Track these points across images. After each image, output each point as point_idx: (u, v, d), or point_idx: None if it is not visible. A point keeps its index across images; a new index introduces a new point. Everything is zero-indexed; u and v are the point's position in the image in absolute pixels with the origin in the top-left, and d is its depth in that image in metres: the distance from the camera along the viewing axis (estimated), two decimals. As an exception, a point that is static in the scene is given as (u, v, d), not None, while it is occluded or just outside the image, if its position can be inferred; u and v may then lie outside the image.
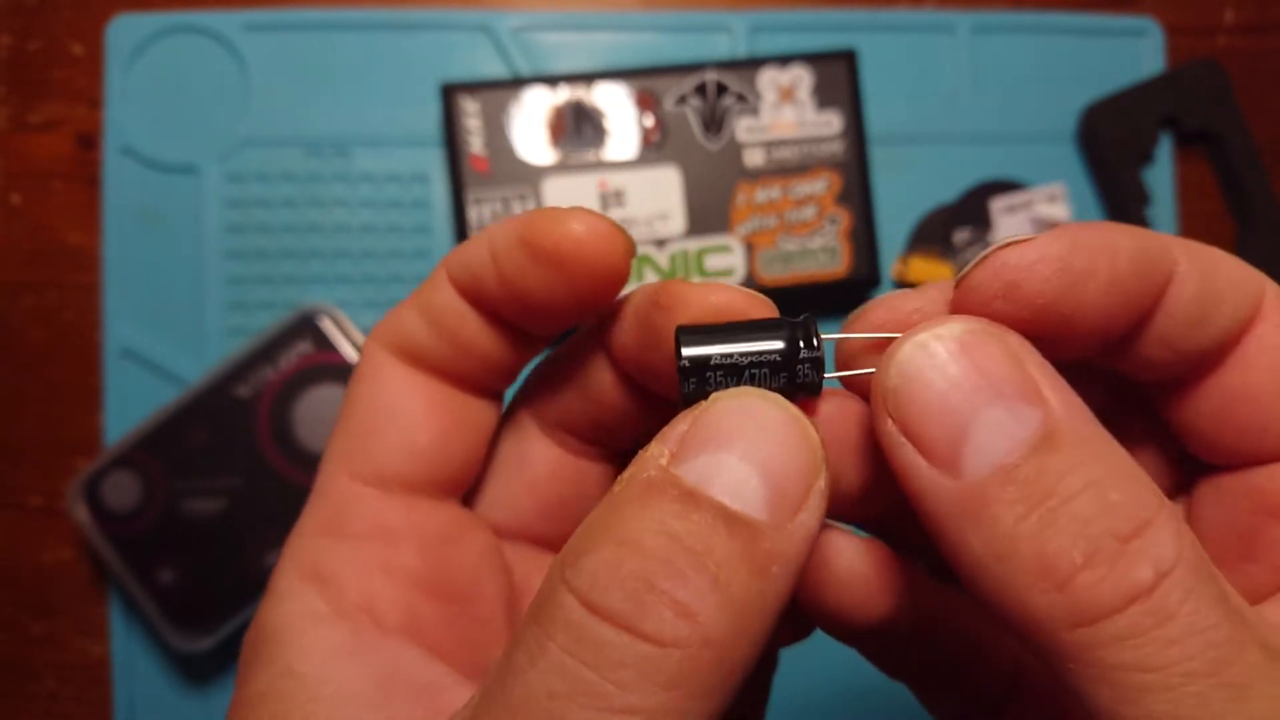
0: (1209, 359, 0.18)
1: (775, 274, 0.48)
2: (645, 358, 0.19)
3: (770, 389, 0.17)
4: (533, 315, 0.20)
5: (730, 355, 0.17)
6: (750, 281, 0.48)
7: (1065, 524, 0.15)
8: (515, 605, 0.22)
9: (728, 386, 0.17)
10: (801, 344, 0.18)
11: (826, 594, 0.19)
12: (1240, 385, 0.18)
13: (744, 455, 0.15)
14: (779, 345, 0.17)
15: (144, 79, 0.50)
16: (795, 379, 0.17)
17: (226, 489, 0.46)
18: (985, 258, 0.17)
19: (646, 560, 0.15)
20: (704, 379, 0.17)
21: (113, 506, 0.46)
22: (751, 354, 0.17)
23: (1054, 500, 0.15)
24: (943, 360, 0.16)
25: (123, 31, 0.50)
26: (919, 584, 0.20)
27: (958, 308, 0.18)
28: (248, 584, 0.46)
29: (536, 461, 0.22)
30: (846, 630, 0.20)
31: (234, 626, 0.46)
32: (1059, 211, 0.53)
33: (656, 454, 0.16)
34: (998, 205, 0.52)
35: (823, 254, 0.49)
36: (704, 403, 0.16)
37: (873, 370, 0.17)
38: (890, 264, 0.52)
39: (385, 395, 0.20)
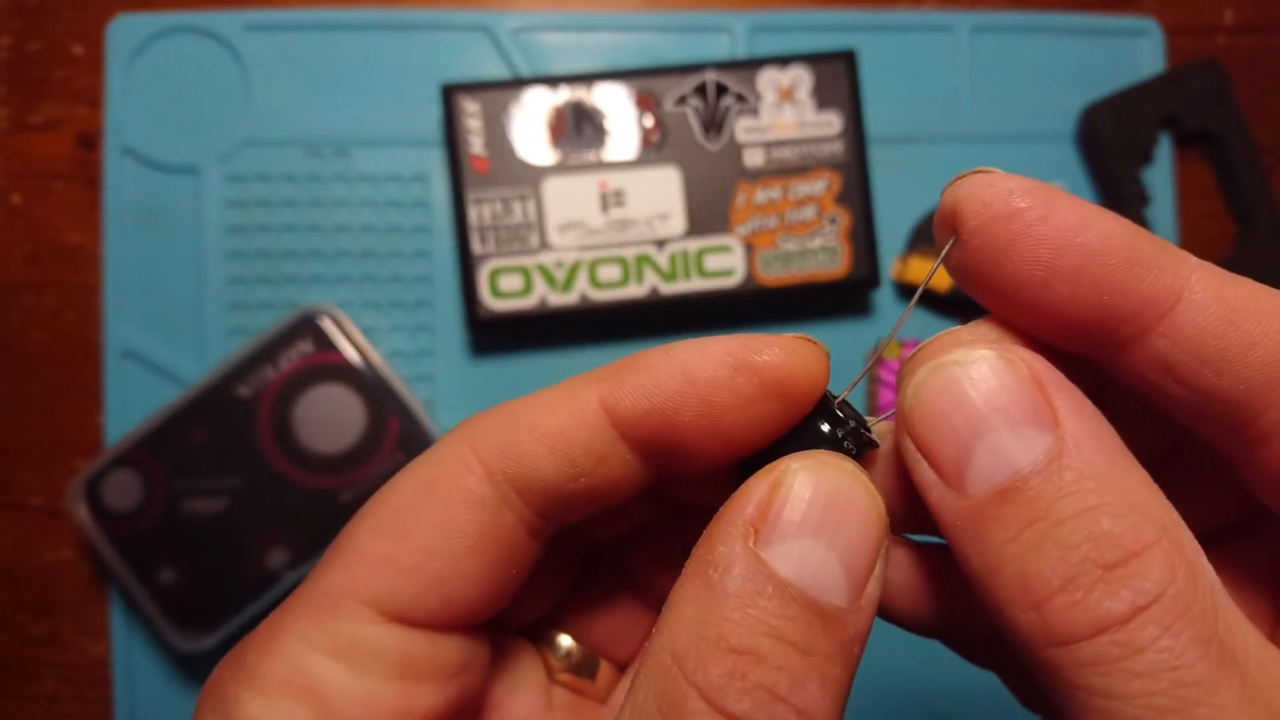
0: (1239, 410, 0.17)
1: (775, 274, 0.48)
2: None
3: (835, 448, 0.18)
4: (723, 446, 0.19)
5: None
6: (750, 281, 0.48)
7: (1049, 548, 0.15)
8: (491, 700, 0.22)
9: None
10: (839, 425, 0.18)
11: (891, 604, 0.20)
12: None
13: (830, 544, 0.16)
14: (826, 429, 0.18)
15: (144, 79, 0.50)
16: (856, 442, 0.18)
17: (227, 489, 0.46)
18: (961, 176, 0.18)
19: (767, 671, 0.15)
20: None
21: (113, 506, 0.46)
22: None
23: (1044, 524, 0.15)
24: (954, 384, 0.17)
25: (123, 31, 0.50)
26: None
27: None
28: (248, 584, 0.46)
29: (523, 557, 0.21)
30: (915, 631, 0.21)
31: (234, 626, 0.46)
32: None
33: (739, 530, 0.16)
34: (997, 205, 0.52)
35: (822, 254, 0.49)
36: (779, 466, 0.17)
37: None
38: (890, 264, 0.52)
39: (449, 534, 0.18)
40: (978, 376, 0.16)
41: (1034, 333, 0.18)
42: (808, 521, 0.16)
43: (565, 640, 0.23)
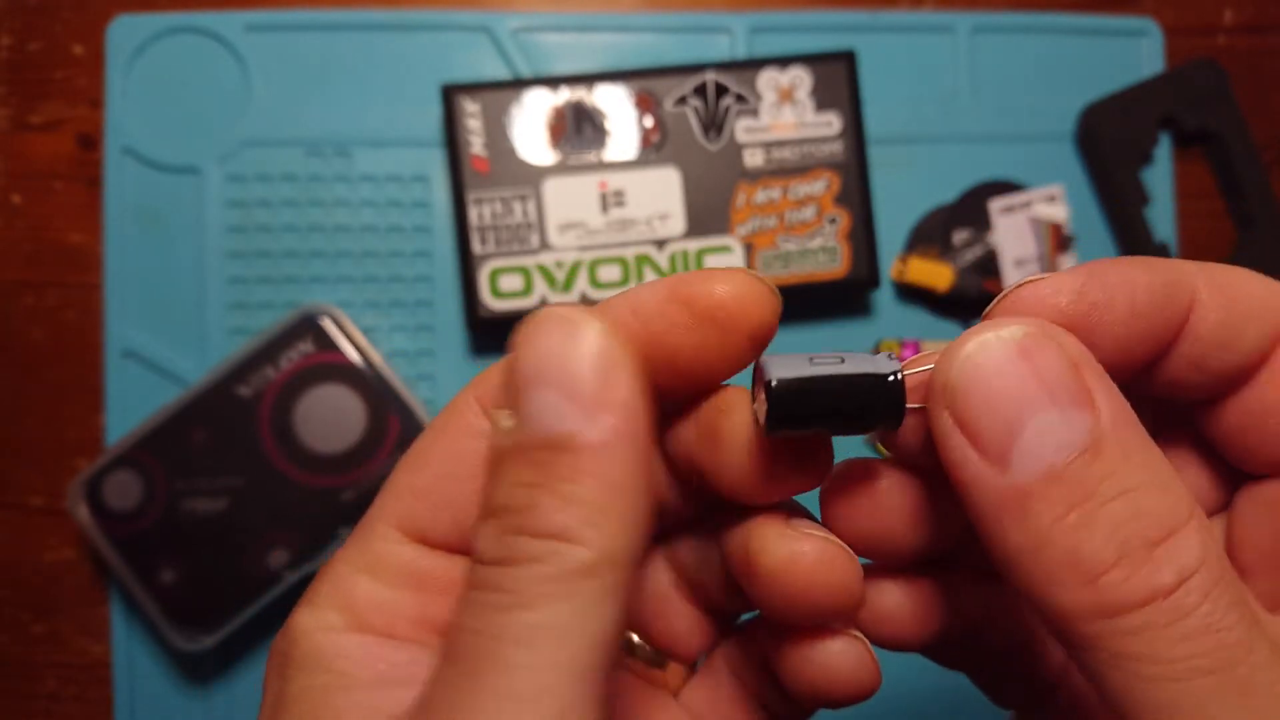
0: (1240, 376, 0.19)
1: (775, 274, 0.48)
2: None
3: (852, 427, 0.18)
4: (675, 376, 0.20)
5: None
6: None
7: (1100, 526, 0.16)
8: None
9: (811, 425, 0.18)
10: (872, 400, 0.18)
11: (881, 630, 0.21)
12: (1273, 398, 0.19)
13: (545, 383, 0.17)
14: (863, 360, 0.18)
15: (145, 79, 0.51)
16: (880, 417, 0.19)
17: (228, 489, 0.46)
18: (1005, 295, 0.18)
19: (515, 516, 0.17)
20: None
21: (114, 506, 0.46)
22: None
23: (1092, 503, 0.16)
24: (1003, 360, 0.17)
25: (123, 32, 0.50)
26: (963, 597, 0.22)
27: None
28: (249, 584, 0.46)
29: None
30: (899, 650, 0.23)
31: (235, 626, 0.46)
32: (1058, 212, 0.53)
33: (499, 418, 0.18)
34: (996, 206, 0.53)
35: (822, 254, 0.49)
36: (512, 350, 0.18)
37: (931, 367, 0.18)
38: (889, 264, 0.52)
39: (455, 458, 0.21)
40: (1027, 353, 0.17)
41: None
42: (525, 379, 0.17)
43: (633, 636, 0.25)
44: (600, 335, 0.17)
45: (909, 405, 0.18)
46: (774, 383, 0.18)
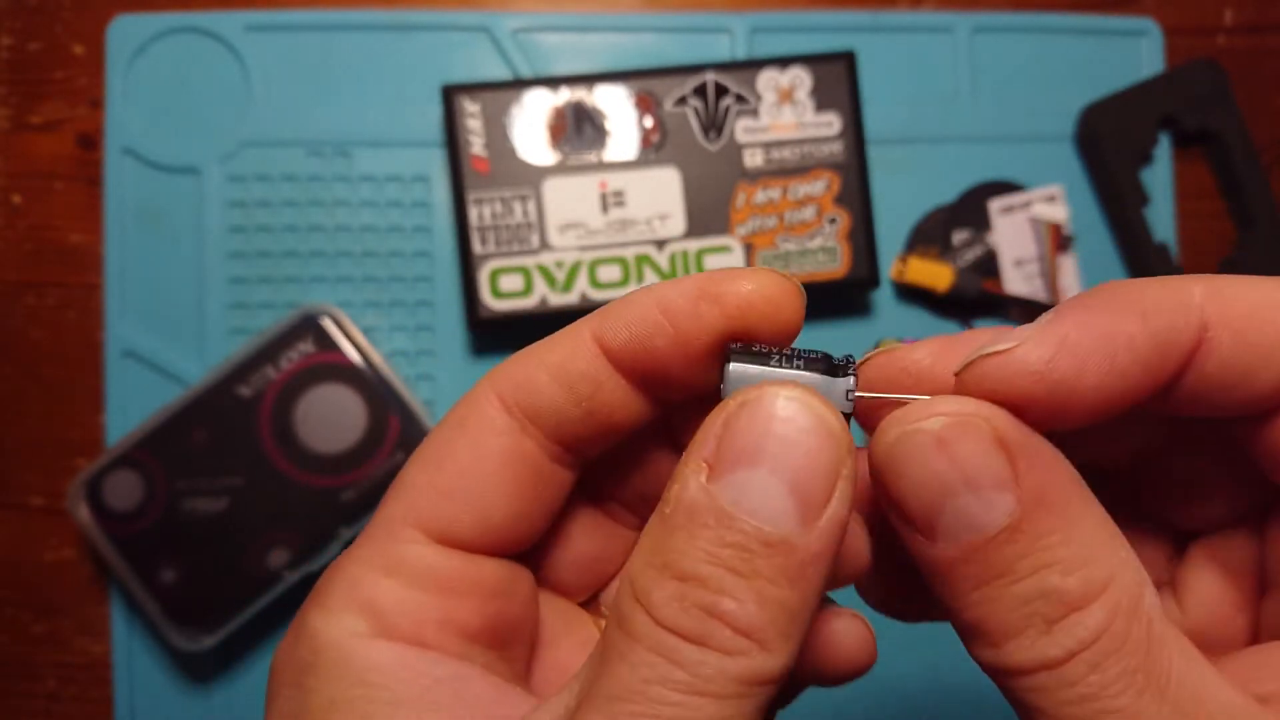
0: (1270, 404, 0.19)
1: (775, 274, 0.48)
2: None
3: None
4: (702, 370, 0.20)
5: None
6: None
7: (1006, 602, 0.18)
8: (537, 645, 0.23)
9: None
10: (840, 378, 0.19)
11: (836, 669, 0.22)
12: None
13: (772, 470, 0.17)
14: (816, 379, 0.19)
15: (145, 79, 0.51)
16: (826, 369, 0.19)
17: (228, 488, 0.46)
18: (970, 364, 0.19)
19: (706, 593, 0.17)
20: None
21: (114, 506, 0.46)
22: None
23: (1004, 580, 0.18)
24: (920, 451, 0.18)
25: (124, 32, 0.50)
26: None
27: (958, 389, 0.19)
28: (249, 583, 0.46)
29: (576, 518, 0.24)
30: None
31: (235, 626, 0.46)
32: (1057, 212, 0.53)
33: (695, 470, 0.17)
34: (996, 206, 0.53)
35: (822, 254, 0.49)
36: (731, 403, 0.18)
37: (894, 396, 0.20)
38: (889, 264, 0.52)
39: (478, 457, 0.21)
40: (941, 441, 0.18)
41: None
42: (747, 450, 0.17)
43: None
44: (844, 440, 0.17)
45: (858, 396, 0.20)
46: (730, 368, 0.19)
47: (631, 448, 0.23)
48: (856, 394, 0.19)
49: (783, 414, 0.17)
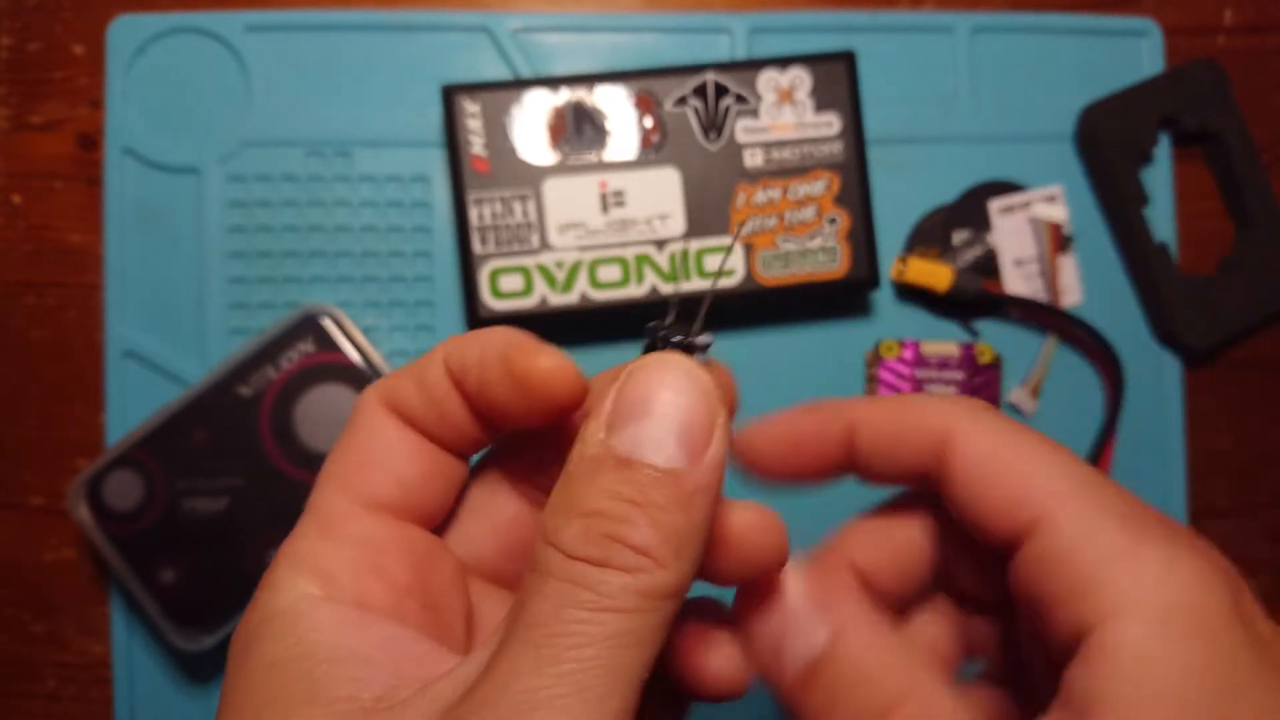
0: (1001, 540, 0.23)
1: (775, 274, 0.48)
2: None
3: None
4: (496, 417, 0.23)
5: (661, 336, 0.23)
6: (750, 281, 0.48)
7: None
8: (473, 626, 0.25)
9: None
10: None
11: (746, 564, 0.24)
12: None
13: (660, 420, 0.20)
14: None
15: (145, 80, 0.51)
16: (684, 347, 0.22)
17: (228, 488, 0.46)
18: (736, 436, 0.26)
19: (608, 522, 0.19)
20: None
21: (114, 506, 0.46)
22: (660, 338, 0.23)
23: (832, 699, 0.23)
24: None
25: (124, 32, 0.50)
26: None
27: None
28: (249, 583, 0.46)
29: (503, 509, 0.26)
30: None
31: (235, 626, 0.46)
32: (1057, 212, 0.53)
33: (595, 430, 0.20)
34: (996, 206, 0.53)
35: (822, 254, 0.49)
36: (623, 371, 0.21)
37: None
38: (889, 264, 0.52)
39: (378, 438, 0.24)
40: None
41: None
42: (639, 407, 0.20)
43: None
44: (715, 396, 0.20)
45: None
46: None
47: (543, 437, 0.25)
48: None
49: (667, 377, 0.20)
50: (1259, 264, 0.53)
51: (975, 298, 0.51)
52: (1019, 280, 0.53)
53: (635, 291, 0.48)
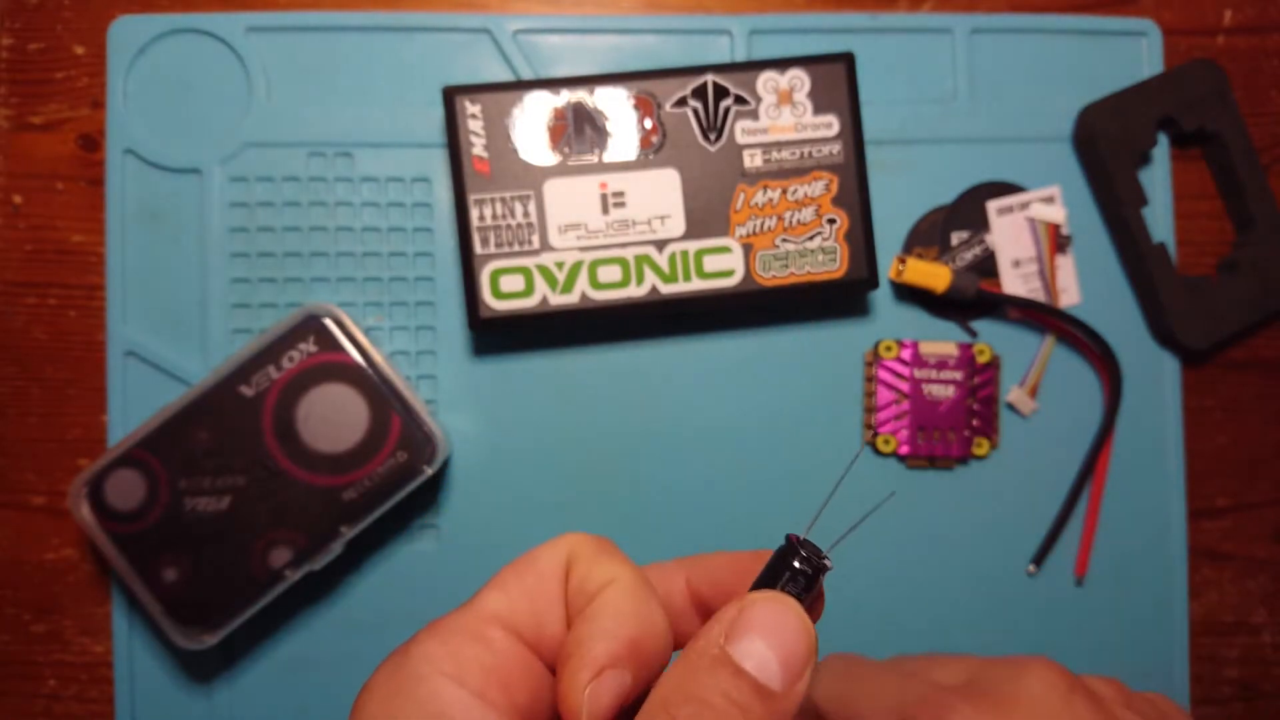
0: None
1: (774, 275, 0.48)
2: None
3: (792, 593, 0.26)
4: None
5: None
6: (749, 282, 0.48)
7: None
8: None
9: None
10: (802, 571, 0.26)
11: None
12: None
13: (770, 646, 0.23)
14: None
15: (146, 80, 0.51)
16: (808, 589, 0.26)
17: (230, 488, 0.46)
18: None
19: (715, 714, 0.23)
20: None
21: (116, 505, 0.46)
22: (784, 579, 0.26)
23: None
24: None
25: (125, 32, 0.50)
26: None
27: None
28: (251, 583, 0.46)
29: None
30: None
31: (237, 625, 0.46)
32: (1055, 213, 0.53)
33: (718, 635, 0.24)
34: (994, 206, 0.53)
35: (821, 255, 0.49)
36: (755, 595, 0.24)
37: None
38: (888, 264, 0.52)
39: (550, 585, 0.27)
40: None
41: None
42: (756, 628, 0.24)
43: None
44: (815, 642, 0.24)
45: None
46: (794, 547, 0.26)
47: None
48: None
49: (788, 617, 0.24)
50: (1257, 264, 0.53)
51: (973, 298, 0.51)
52: (1017, 280, 0.53)
53: (635, 292, 0.48)
